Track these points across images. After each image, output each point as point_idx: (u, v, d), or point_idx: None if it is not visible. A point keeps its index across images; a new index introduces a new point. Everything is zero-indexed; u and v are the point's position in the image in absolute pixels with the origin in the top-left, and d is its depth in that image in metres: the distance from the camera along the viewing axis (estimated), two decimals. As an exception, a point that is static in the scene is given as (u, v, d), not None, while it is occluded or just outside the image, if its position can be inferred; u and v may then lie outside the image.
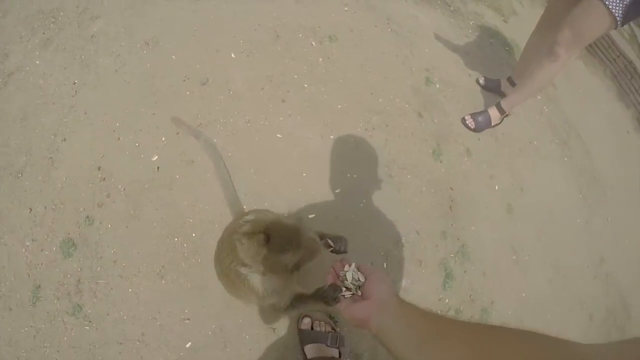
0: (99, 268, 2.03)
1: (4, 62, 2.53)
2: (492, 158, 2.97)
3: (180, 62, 2.65)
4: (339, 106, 2.71)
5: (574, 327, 2.75)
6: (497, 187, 2.87)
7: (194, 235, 2.17)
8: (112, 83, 2.52)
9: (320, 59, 2.88)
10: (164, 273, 2.06)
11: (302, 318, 2.08)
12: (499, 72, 3.45)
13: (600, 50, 4.35)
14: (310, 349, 1.98)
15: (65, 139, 2.31)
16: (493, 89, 3.24)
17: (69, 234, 2.08)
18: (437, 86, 3.08)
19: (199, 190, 2.27)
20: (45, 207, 2.13)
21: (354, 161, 2.55)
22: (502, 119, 3.04)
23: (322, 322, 2.07)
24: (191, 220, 2.20)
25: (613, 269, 3.10)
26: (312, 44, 2.93)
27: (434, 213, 2.58)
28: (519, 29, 3.77)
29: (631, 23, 3.02)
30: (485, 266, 2.53)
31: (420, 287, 2.35)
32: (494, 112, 2.99)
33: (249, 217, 1.38)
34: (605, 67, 4.34)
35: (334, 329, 2.08)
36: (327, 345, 1.96)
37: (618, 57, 4.23)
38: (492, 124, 3.02)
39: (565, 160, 3.33)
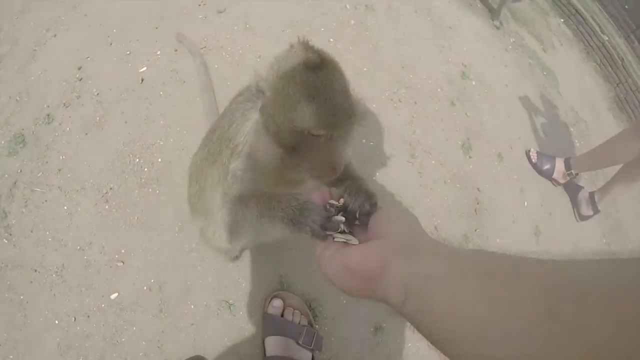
0: (40, 174, 1.72)
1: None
2: (524, 171, 2.62)
3: (200, -14, 2.39)
4: (365, 69, 2.40)
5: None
6: (526, 204, 2.49)
7: (159, 160, 1.83)
8: None
9: (353, 22, 2.60)
10: (111, 197, 1.72)
11: (272, 299, 1.59)
12: (536, 95, 3.18)
13: (630, 107, 4.22)
14: (273, 343, 1.48)
15: (56, 35, 2.10)
16: (544, 171, 2.72)
17: (23, 129, 1.80)
18: (473, 83, 2.77)
19: (182, 112, 1.94)
20: (10, 97, 1.88)
21: (373, 128, 2.20)
22: (566, 179, 2.69)
23: (297, 312, 1.58)
24: (162, 143, 1.86)
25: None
26: (346, 6, 2.67)
27: (457, 211, 2.18)
28: (556, 62, 3.60)
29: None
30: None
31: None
32: (559, 165, 2.66)
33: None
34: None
35: (310, 324, 1.58)
36: (297, 344, 1.46)
37: None
38: (553, 175, 2.68)
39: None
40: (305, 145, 0.83)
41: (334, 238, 0.67)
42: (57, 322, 1.47)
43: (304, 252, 1.75)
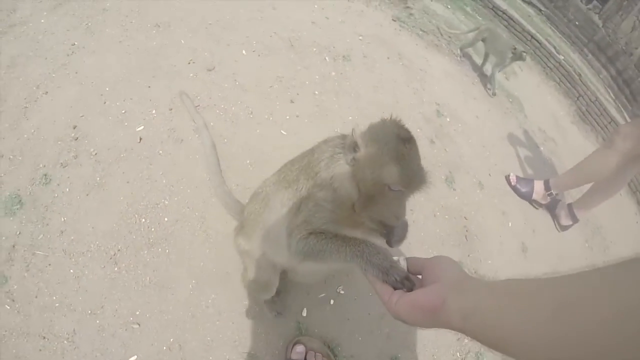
0: (41, 236, 1.66)
1: (10, 15, 2.35)
2: (503, 195, 2.81)
3: (188, 47, 2.51)
4: (350, 117, 2.56)
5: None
6: (510, 224, 2.66)
7: (166, 219, 1.82)
8: (113, 51, 2.33)
9: (333, 73, 2.79)
10: (119, 258, 1.68)
11: (294, 345, 1.64)
12: (504, 121, 3.45)
13: (592, 117, 4.54)
14: None
15: (47, 92, 2.07)
16: (524, 193, 2.95)
17: (18, 189, 1.74)
18: (448, 119, 3.00)
19: (183, 171, 1.98)
20: (2, 156, 1.81)
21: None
22: (546, 199, 2.90)
23: (319, 354, 1.64)
24: (167, 202, 1.87)
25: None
26: (325, 59, 2.86)
27: (449, 240, 2.32)
28: (519, 87, 3.91)
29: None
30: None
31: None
32: (538, 186, 2.88)
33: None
34: (597, 134, 4.48)
35: None
36: None
37: (609, 123, 4.40)
38: (533, 197, 2.90)
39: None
40: (381, 196, 1.02)
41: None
42: (72, 391, 1.40)
43: (316, 296, 1.83)
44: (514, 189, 2.89)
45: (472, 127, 3.10)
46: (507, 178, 2.94)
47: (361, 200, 1.07)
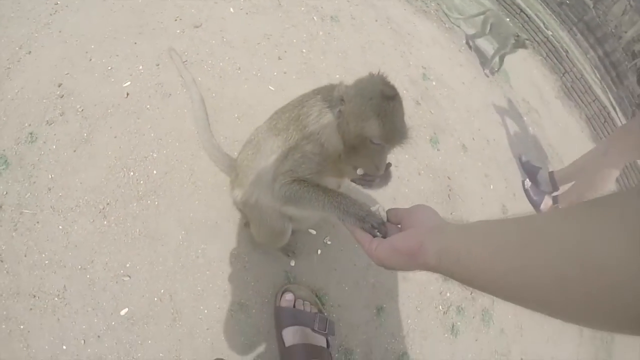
0: (28, 194, 1.62)
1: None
2: (486, 159, 2.90)
3: (175, 4, 2.46)
4: (337, 75, 2.57)
5: (568, 339, 2.60)
6: (492, 187, 2.75)
7: (155, 172, 1.83)
8: (98, 9, 2.27)
9: (321, 33, 2.77)
10: (109, 212, 1.67)
11: (283, 293, 1.68)
12: (490, 89, 3.49)
13: (577, 94, 4.62)
14: (290, 333, 1.57)
15: (30, 52, 2.01)
16: (535, 201, 3.06)
17: (3, 150, 1.69)
18: (434, 83, 3.03)
19: (171, 124, 1.98)
20: None
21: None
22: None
23: (307, 302, 1.68)
24: (155, 155, 1.87)
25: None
26: (313, 18, 2.84)
27: (433, 198, 2.40)
28: (506, 58, 3.93)
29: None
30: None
31: (420, 276, 2.09)
32: (547, 202, 3.00)
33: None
34: (581, 111, 4.58)
35: (320, 312, 1.68)
36: (313, 330, 1.55)
37: (593, 101, 4.50)
38: (541, 207, 3.00)
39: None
40: (364, 148, 1.09)
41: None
42: (64, 347, 1.40)
43: (304, 247, 1.89)
44: (526, 192, 3.02)
45: (457, 93, 3.14)
46: (523, 182, 3.07)
47: (345, 151, 1.14)
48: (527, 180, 3.04)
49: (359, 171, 1.17)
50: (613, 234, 0.45)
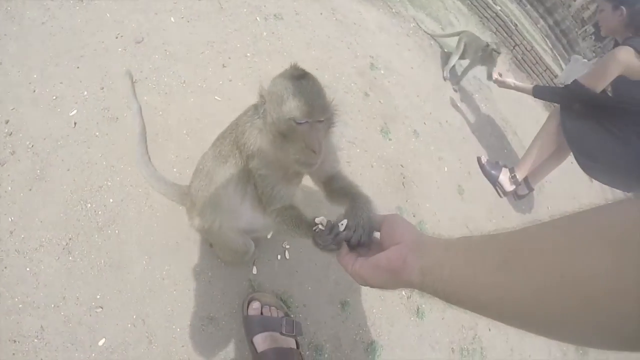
0: None
1: None
2: (439, 142, 3.00)
3: (114, 20, 2.44)
4: (284, 77, 2.56)
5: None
6: (446, 169, 2.86)
7: (111, 201, 1.84)
8: (37, 35, 2.23)
9: (265, 33, 2.79)
10: (72, 247, 1.69)
11: (249, 302, 1.75)
12: (438, 71, 3.57)
13: (528, 65, 4.77)
14: (260, 339, 1.63)
15: None
16: (492, 175, 3.19)
17: None
18: (382, 72, 3.09)
19: (122, 149, 1.99)
20: None
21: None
22: (511, 185, 3.13)
23: (273, 307, 1.75)
24: (109, 183, 1.89)
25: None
26: (256, 19, 2.84)
27: (387, 188, 2.49)
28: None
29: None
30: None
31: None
32: (505, 173, 3.14)
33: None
34: (533, 81, 4.74)
35: (287, 315, 1.77)
36: (281, 334, 1.63)
37: (545, 71, 4.65)
38: (500, 179, 3.14)
39: (505, 152, 3.40)
40: (293, 133, 1.11)
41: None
42: (49, 385, 1.46)
43: (264, 254, 1.96)
44: (482, 167, 3.14)
45: (406, 78, 3.22)
46: (479, 159, 3.19)
47: (281, 145, 1.16)
48: (484, 157, 3.17)
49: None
50: (590, 249, 0.47)
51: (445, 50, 3.92)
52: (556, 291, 0.49)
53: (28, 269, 1.60)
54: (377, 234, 0.95)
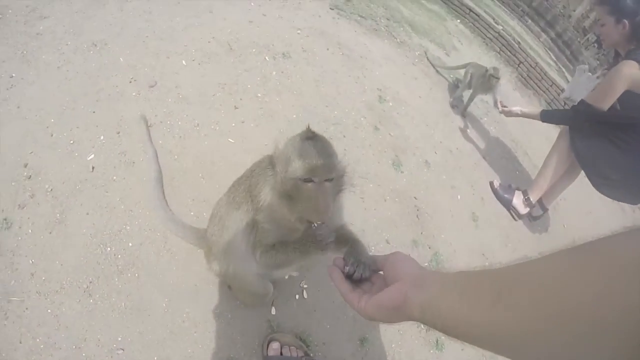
0: (13, 282, 1.65)
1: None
2: (450, 170, 3.00)
3: (128, 64, 2.52)
4: (294, 115, 2.65)
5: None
6: (459, 197, 2.86)
7: (130, 244, 1.87)
8: (53, 79, 2.31)
9: (274, 73, 2.85)
10: (93, 290, 1.71)
11: (269, 343, 1.76)
12: (445, 98, 3.61)
13: (534, 81, 4.78)
14: None
15: None
16: (505, 199, 3.19)
17: None
18: (390, 104, 3.13)
19: (139, 194, 2.02)
20: None
21: (313, 170, 2.43)
22: (524, 207, 3.12)
23: (293, 347, 1.76)
24: (128, 228, 1.92)
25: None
26: (265, 59, 2.91)
27: (402, 222, 2.48)
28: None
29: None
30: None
31: (397, 298, 2.14)
32: (518, 196, 3.14)
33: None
34: (540, 97, 4.75)
35: (307, 354, 1.77)
36: None
37: (550, 86, 4.66)
38: (514, 202, 3.13)
39: (517, 173, 3.39)
40: (300, 192, 1.14)
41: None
42: None
43: (282, 294, 1.95)
44: (495, 192, 3.15)
45: (415, 108, 3.25)
46: (491, 184, 3.20)
47: (288, 204, 1.18)
48: (496, 181, 3.16)
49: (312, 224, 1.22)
50: (588, 280, 0.48)
51: (450, 81, 3.98)
52: (548, 329, 0.50)
53: (49, 311, 1.62)
54: (380, 273, 0.97)
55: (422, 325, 2.18)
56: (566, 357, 0.50)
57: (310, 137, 1.17)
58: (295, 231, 1.33)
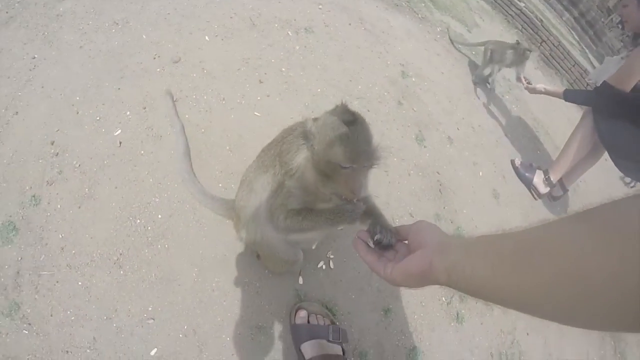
0: (43, 256, 1.67)
1: (-38, 38, 2.26)
2: (472, 147, 2.98)
3: (150, 41, 2.50)
4: (319, 90, 2.63)
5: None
6: (481, 174, 2.85)
7: (159, 216, 1.89)
8: (75, 58, 2.30)
9: (297, 47, 2.83)
10: (123, 262, 1.74)
11: (296, 311, 1.79)
12: (467, 75, 3.56)
13: (556, 61, 4.68)
14: (308, 347, 1.67)
15: (17, 112, 2.03)
16: (526, 177, 3.17)
17: (10, 216, 1.73)
18: (413, 79, 3.10)
19: (167, 167, 2.03)
20: None
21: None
22: (545, 187, 3.10)
23: (320, 315, 1.79)
24: (157, 200, 1.93)
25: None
26: (288, 34, 2.88)
27: (425, 196, 2.48)
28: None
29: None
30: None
31: (420, 270, 2.18)
32: (539, 175, 3.11)
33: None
34: (562, 77, 4.64)
35: (333, 322, 1.80)
36: (328, 341, 1.66)
37: (573, 66, 4.55)
38: (534, 181, 3.11)
39: (538, 153, 3.36)
40: (336, 174, 1.16)
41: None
42: (102, 395, 1.50)
43: (309, 264, 1.98)
44: (516, 170, 3.12)
45: (437, 84, 3.21)
46: (512, 162, 3.18)
47: (322, 180, 1.21)
48: (517, 159, 3.14)
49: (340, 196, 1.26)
50: (593, 245, 0.52)
51: (471, 58, 3.91)
52: (561, 287, 0.54)
53: (80, 283, 1.65)
54: (404, 242, 1.01)
55: (443, 299, 2.22)
56: (584, 314, 0.54)
57: (352, 121, 1.15)
58: (323, 201, 1.35)
